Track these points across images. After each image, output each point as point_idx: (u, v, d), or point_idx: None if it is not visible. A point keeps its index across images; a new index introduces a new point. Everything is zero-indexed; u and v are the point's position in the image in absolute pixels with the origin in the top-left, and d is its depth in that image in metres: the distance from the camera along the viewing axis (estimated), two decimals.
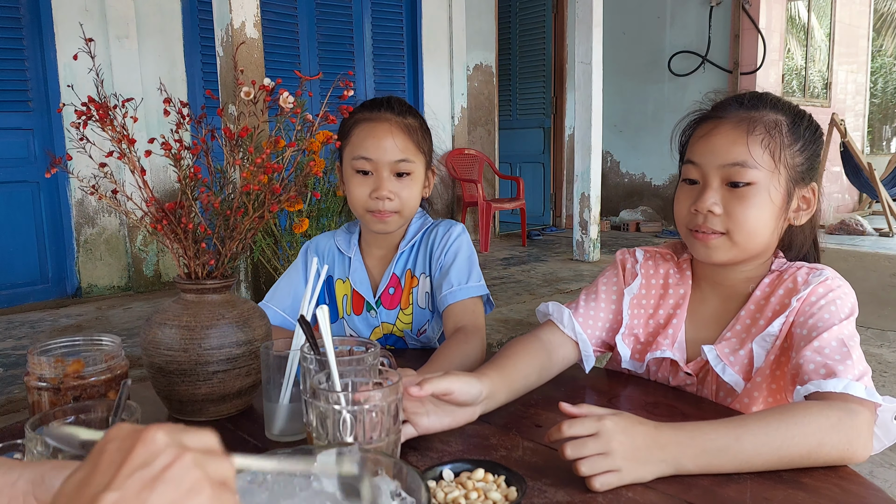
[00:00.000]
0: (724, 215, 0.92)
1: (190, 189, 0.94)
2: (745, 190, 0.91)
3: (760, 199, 0.91)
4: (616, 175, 7.02)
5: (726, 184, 0.92)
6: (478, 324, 1.15)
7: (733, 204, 0.92)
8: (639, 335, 1.06)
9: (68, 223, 3.91)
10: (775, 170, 0.91)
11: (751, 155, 0.90)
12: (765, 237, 0.94)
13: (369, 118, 1.21)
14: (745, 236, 0.92)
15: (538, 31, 6.62)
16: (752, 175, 0.90)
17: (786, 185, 0.92)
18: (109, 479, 0.37)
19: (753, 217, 0.91)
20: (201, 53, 4.21)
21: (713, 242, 0.94)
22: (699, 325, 1.02)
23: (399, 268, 1.28)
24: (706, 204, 0.92)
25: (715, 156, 0.92)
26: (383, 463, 0.56)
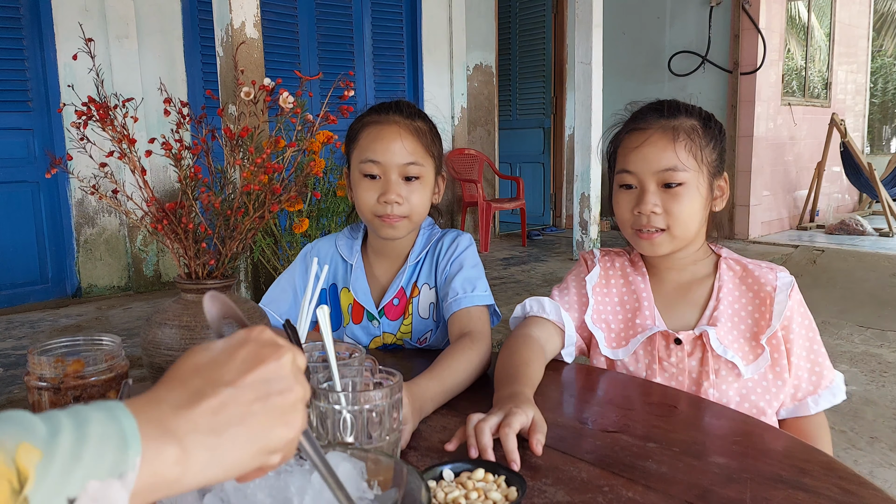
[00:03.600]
0: (663, 213, 1.05)
1: (190, 189, 0.94)
2: (677, 190, 1.05)
3: (691, 195, 1.05)
4: None
5: (661, 186, 1.05)
6: (483, 330, 1.13)
7: (669, 203, 1.05)
8: (609, 321, 1.15)
9: (68, 223, 3.91)
10: (699, 168, 1.06)
11: (679, 159, 1.04)
12: (696, 226, 1.08)
13: (377, 121, 1.19)
14: (683, 229, 1.06)
15: (538, 31, 6.62)
16: (682, 176, 1.04)
17: (707, 179, 1.08)
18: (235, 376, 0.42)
19: (687, 212, 1.05)
20: (201, 53, 4.21)
21: (657, 239, 1.07)
22: (668, 307, 1.13)
23: (407, 281, 1.27)
24: (648, 206, 1.05)
25: (648, 163, 1.06)
26: (383, 463, 0.56)
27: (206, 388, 0.41)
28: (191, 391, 0.40)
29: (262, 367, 0.42)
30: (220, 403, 0.40)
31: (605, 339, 1.14)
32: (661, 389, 1.03)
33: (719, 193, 1.12)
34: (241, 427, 0.40)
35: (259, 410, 0.41)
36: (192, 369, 0.42)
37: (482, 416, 0.81)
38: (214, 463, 0.40)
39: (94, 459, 0.35)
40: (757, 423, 0.91)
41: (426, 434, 0.87)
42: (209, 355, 0.43)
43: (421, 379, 0.95)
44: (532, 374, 0.99)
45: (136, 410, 0.38)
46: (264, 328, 0.45)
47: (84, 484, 0.35)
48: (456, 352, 1.05)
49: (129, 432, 0.37)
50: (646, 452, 0.80)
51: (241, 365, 0.42)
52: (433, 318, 1.26)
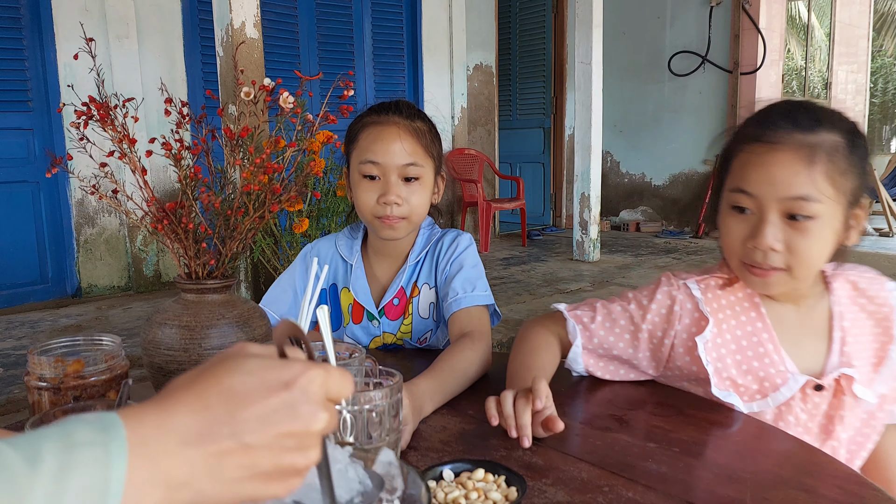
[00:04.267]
0: (784, 252, 0.86)
1: (190, 189, 0.94)
2: (807, 224, 0.84)
3: (823, 231, 0.85)
4: (616, 175, 7.02)
5: (785, 216, 0.85)
6: (483, 330, 1.13)
7: (795, 239, 0.85)
8: (734, 377, 0.96)
9: (68, 223, 3.91)
10: (836, 198, 0.85)
11: (815, 188, 0.83)
12: (822, 265, 0.90)
13: (377, 122, 1.19)
14: (807, 271, 0.88)
15: (538, 31, 6.62)
16: (815, 209, 0.84)
17: (844, 212, 0.87)
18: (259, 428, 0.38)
19: (817, 252, 0.86)
20: (201, 53, 4.21)
21: (773, 279, 0.89)
22: (792, 345, 0.95)
23: (407, 280, 1.27)
24: (767, 241, 0.86)
25: (774, 188, 0.85)
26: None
27: (223, 429, 0.37)
28: (205, 425, 0.37)
29: (291, 427, 0.38)
30: (229, 451, 0.37)
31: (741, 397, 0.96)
32: (662, 389, 1.03)
33: (854, 224, 0.90)
34: (240, 480, 0.38)
35: (265, 469, 0.38)
36: (223, 394, 0.38)
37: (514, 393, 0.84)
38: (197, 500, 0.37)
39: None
40: (757, 423, 0.91)
41: (426, 434, 0.87)
42: (247, 383, 0.39)
43: (421, 379, 0.95)
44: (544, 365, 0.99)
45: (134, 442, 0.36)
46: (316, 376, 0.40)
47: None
48: (456, 352, 1.05)
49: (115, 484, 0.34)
50: (646, 452, 0.80)
51: (272, 415, 0.38)
52: (433, 318, 1.26)
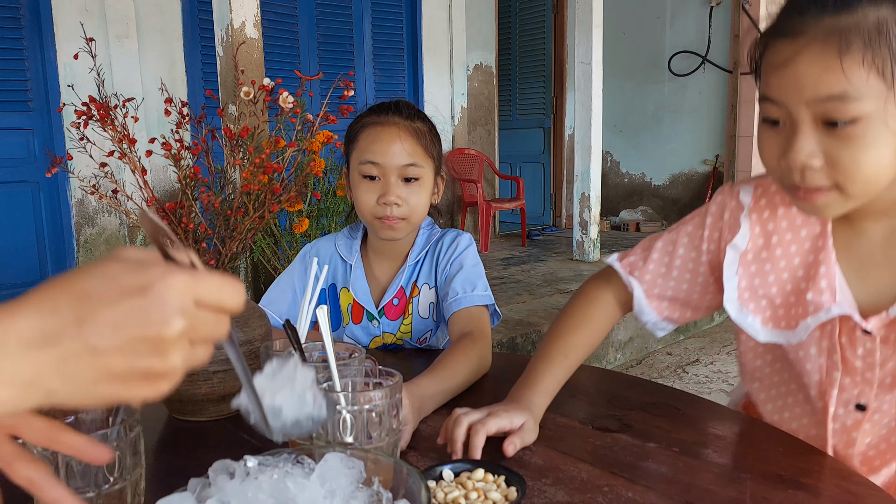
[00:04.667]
0: (826, 166, 0.70)
1: (190, 189, 0.94)
2: (849, 129, 0.67)
3: (873, 135, 0.67)
4: (616, 175, 7.02)
5: (823, 123, 0.69)
6: (483, 330, 1.13)
7: (837, 150, 0.69)
8: (772, 296, 0.84)
9: (68, 223, 3.91)
10: (889, 91, 0.66)
11: (850, 82, 0.66)
12: (891, 176, 0.70)
13: (377, 122, 1.18)
14: (863, 186, 0.70)
15: (538, 31, 6.61)
16: (856, 108, 0.66)
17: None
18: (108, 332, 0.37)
19: (868, 162, 0.68)
20: (201, 53, 4.21)
21: (821, 201, 0.72)
22: (860, 271, 0.80)
23: (406, 280, 1.27)
24: (800, 157, 0.70)
25: (800, 90, 0.69)
26: (383, 463, 0.56)
27: (69, 330, 0.36)
28: (52, 327, 0.36)
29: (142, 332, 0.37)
30: (75, 353, 0.36)
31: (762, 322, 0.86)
32: (662, 389, 1.03)
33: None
34: (93, 382, 0.37)
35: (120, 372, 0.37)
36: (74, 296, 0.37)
37: (466, 411, 0.82)
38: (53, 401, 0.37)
39: None
40: (757, 423, 0.91)
41: (426, 434, 0.87)
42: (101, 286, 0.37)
43: (421, 379, 0.95)
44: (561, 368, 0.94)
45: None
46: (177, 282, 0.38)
47: None
48: (456, 352, 1.05)
49: None
50: (646, 452, 0.80)
51: (122, 319, 0.37)
52: (433, 318, 1.26)
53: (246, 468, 0.53)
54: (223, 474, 0.53)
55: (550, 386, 0.92)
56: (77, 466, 0.58)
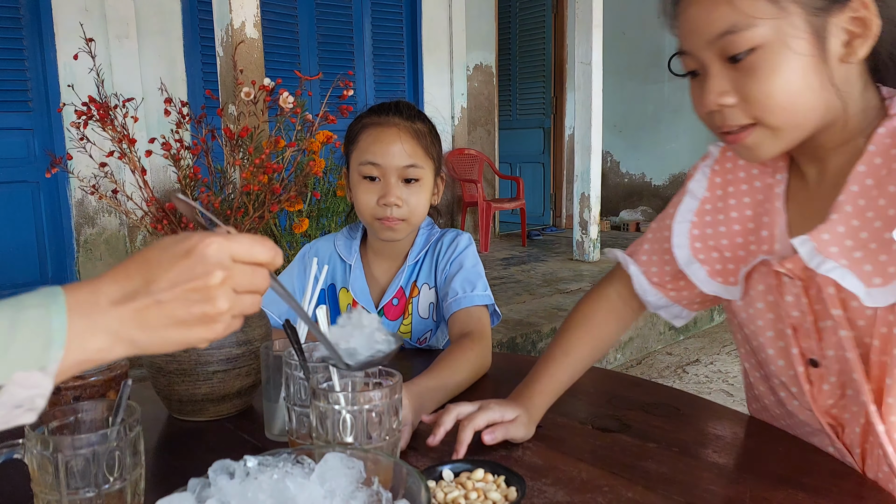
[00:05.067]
0: (741, 102, 0.69)
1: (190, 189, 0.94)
2: (751, 60, 0.66)
3: (776, 60, 0.66)
4: (616, 175, 7.02)
5: (727, 61, 0.68)
6: (483, 331, 1.13)
7: (746, 84, 0.68)
8: (722, 248, 0.83)
9: (68, 223, 3.91)
10: (780, 12, 0.65)
11: (738, 12, 0.65)
12: (813, 102, 0.68)
13: (377, 123, 1.18)
14: (782, 115, 0.68)
15: (538, 31, 6.61)
16: (749, 37, 0.65)
17: (806, 23, 0.65)
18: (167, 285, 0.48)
19: (777, 88, 0.66)
20: (201, 53, 4.21)
21: (749, 140, 0.71)
22: (802, 214, 0.77)
23: (406, 280, 1.27)
24: (711, 98, 0.69)
25: (698, 33, 0.69)
26: (383, 463, 0.56)
27: (141, 289, 0.48)
28: (128, 289, 0.48)
29: (192, 284, 0.48)
30: (147, 306, 0.48)
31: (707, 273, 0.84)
32: (662, 389, 1.03)
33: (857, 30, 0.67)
34: (163, 328, 0.48)
35: (182, 317, 0.49)
36: (141, 263, 0.49)
37: (459, 404, 0.84)
38: (137, 349, 0.49)
39: (21, 353, 0.44)
40: (757, 423, 0.91)
41: (426, 434, 0.87)
42: (159, 255, 0.49)
43: (421, 379, 0.95)
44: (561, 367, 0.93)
45: (72, 304, 0.46)
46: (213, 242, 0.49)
47: (10, 374, 0.44)
48: (456, 352, 1.05)
49: (57, 332, 0.45)
50: (646, 452, 0.80)
51: (175, 276, 0.48)
52: (433, 318, 1.26)
53: (246, 468, 0.53)
54: (223, 474, 0.53)
55: (550, 386, 0.91)
56: (77, 466, 0.58)
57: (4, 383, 0.44)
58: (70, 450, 0.57)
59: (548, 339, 3.22)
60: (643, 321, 3.78)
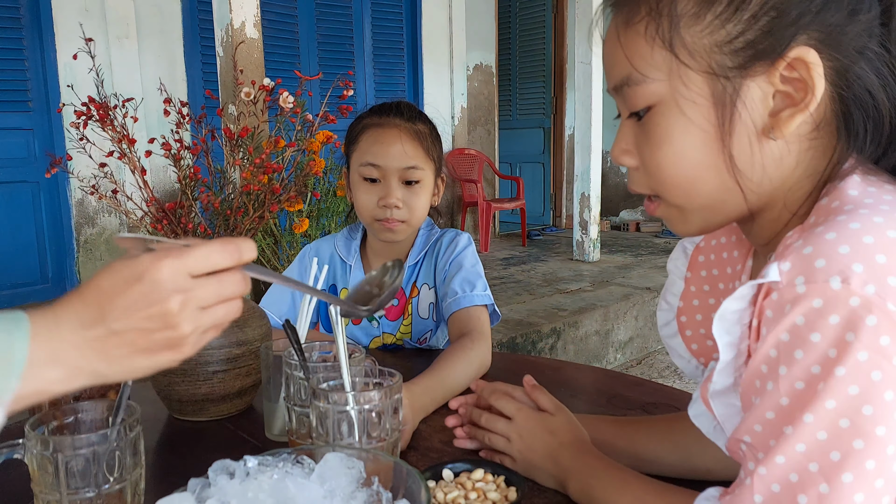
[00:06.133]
0: (641, 166, 0.58)
1: (190, 189, 0.94)
2: (648, 120, 0.55)
3: (667, 123, 0.54)
4: (616, 175, 7.02)
5: (633, 118, 0.58)
6: (483, 330, 1.13)
7: (643, 148, 0.57)
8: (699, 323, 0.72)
9: (68, 223, 3.91)
10: (676, 69, 0.53)
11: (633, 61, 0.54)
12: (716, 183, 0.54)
13: (378, 123, 1.18)
14: (678, 193, 0.56)
15: (538, 31, 6.61)
16: (643, 93, 0.54)
17: (707, 87, 0.52)
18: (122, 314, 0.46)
19: (666, 158, 0.55)
20: (201, 53, 4.21)
21: (659, 213, 0.60)
22: None
23: (406, 281, 1.26)
24: (614, 153, 0.60)
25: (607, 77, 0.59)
26: (383, 463, 0.56)
27: (98, 318, 0.46)
28: (85, 318, 0.46)
29: (149, 311, 0.46)
30: (104, 336, 0.46)
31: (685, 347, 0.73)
32: (662, 389, 1.03)
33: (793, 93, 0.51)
34: (126, 357, 0.47)
35: (144, 346, 0.47)
36: (95, 289, 0.47)
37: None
38: (102, 378, 0.47)
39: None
40: None
41: (426, 434, 0.87)
42: (111, 281, 0.47)
43: (421, 379, 0.95)
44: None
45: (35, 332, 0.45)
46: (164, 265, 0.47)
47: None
48: (456, 352, 1.05)
49: (17, 361, 0.43)
50: None
51: (129, 304, 0.46)
52: (433, 318, 1.26)
53: (246, 468, 0.53)
54: (223, 474, 0.53)
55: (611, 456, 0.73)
56: (77, 466, 0.58)
57: None
58: (70, 450, 0.57)
59: (548, 339, 3.22)
60: (643, 321, 3.78)
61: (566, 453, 0.72)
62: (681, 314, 0.73)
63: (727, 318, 0.51)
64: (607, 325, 3.55)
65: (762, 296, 0.48)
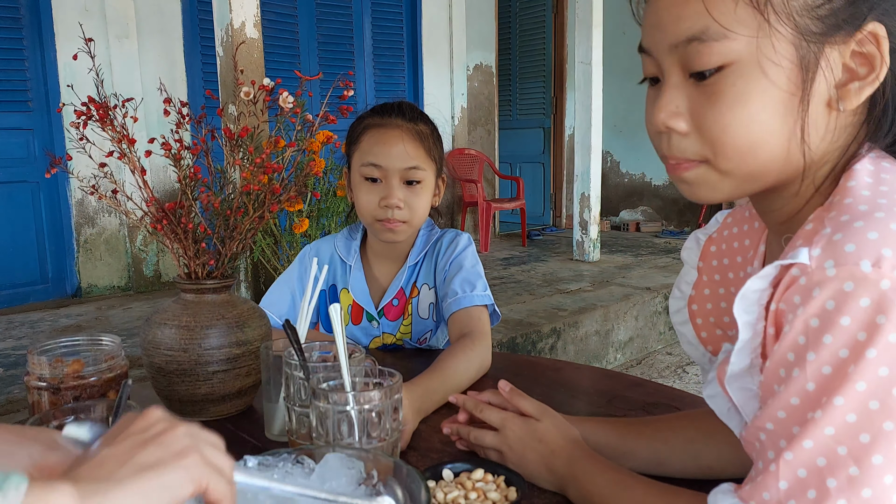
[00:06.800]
0: (694, 132, 0.54)
1: (190, 189, 0.94)
2: (717, 80, 0.52)
3: (744, 86, 0.51)
4: (616, 175, 7.02)
5: (690, 76, 0.54)
6: (483, 330, 1.13)
7: (704, 109, 0.53)
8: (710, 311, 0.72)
9: (68, 223, 3.91)
10: (763, 28, 0.50)
11: (712, 15, 0.51)
12: (778, 150, 0.52)
13: (379, 124, 1.18)
14: (738, 159, 0.53)
15: (538, 31, 6.61)
16: (721, 50, 0.51)
17: (793, 48, 0.50)
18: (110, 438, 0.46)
19: (737, 123, 0.52)
20: (201, 53, 4.21)
21: (689, 175, 0.56)
22: None
23: (406, 281, 1.27)
24: (659, 115, 0.55)
25: (662, 32, 0.54)
26: (383, 463, 0.56)
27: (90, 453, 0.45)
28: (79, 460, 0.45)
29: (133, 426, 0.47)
30: (102, 459, 0.44)
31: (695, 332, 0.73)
32: (662, 389, 1.03)
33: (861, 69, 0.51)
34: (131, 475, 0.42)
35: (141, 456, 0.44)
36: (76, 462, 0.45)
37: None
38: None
39: None
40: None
41: (426, 434, 0.87)
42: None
43: (421, 379, 0.95)
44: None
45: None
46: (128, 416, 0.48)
47: None
48: (456, 352, 1.05)
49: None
50: None
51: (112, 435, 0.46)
52: (433, 319, 1.26)
53: (246, 468, 0.53)
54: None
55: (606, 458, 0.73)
56: None
57: None
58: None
59: (548, 339, 3.22)
60: (643, 321, 3.78)
61: (559, 460, 0.71)
62: (692, 302, 0.73)
63: (748, 297, 0.50)
64: (607, 325, 3.55)
65: (786, 280, 0.48)
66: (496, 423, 0.78)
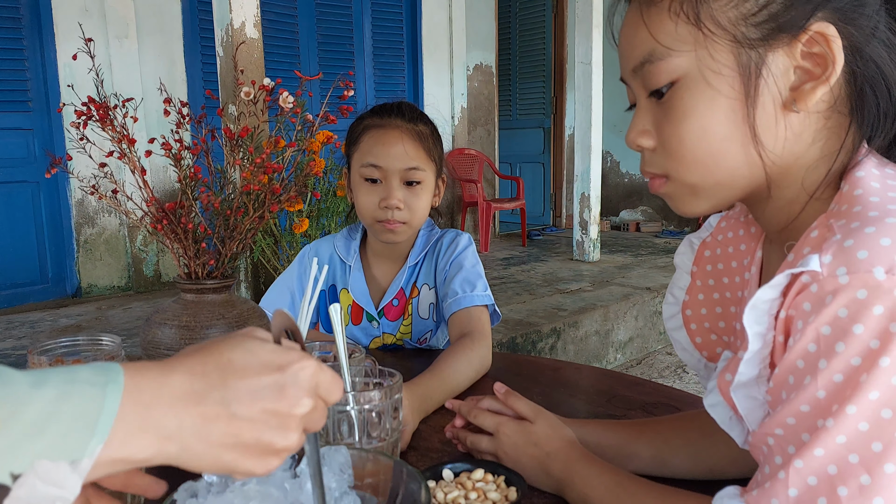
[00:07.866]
0: (659, 146, 0.58)
1: (190, 189, 0.94)
2: (671, 97, 0.55)
3: (692, 98, 0.54)
4: (616, 175, 7.02)
5: (649, 95, 0.58)
6: (483, 330, 1.13)
7: (663, 126, 0.57)
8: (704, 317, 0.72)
9: (68, 223, 3.91)
10: (701, 42, 0.53)
11: (656, 37, 0.55)
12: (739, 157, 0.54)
13: (379, 124, 1.18)
14: (697, 169, 0.56)
15: (538, 31, 6.62)
16: (666, 68, 0.54)
17: (733, 57, 0.52)
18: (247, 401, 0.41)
19: (691, 133, 0.54)
20: (201, 53, 4.21)
21: (664, 191, 0.60)
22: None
23: (406, 281, 1.27)
24: (630, 136, 0.59)
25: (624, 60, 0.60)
26: (383, 463, 0.56)
27: (214, 395, 0.40)
28: (201, 388, 0.40)
29: (276, 406, 0.42)
30: (216, 416, 0.40)
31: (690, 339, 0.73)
32: (662, 389, 1.03)
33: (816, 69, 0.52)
34: (222, 446, 0.40)
35: (247, 441, 0.41)
36: (221, 364, 0.41)
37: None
38: (180, 461, 0.40)
39: (56, 438, 0.35)
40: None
41: (426, 434, 0.87)
42: (245, 359, 0.42)
43: (421, 379, 0.95)
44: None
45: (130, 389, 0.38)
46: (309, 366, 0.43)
47: (33, 461, 0.34)
48: (456, 352, 1.05)
49: (104, 419, 0.36)
50: None
51: (261, 391, 0.41)
52: (433, 319, 1.26)
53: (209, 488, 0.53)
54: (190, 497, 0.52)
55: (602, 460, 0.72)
56: None
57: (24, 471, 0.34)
58: None
59: (548, 339, 3.22)
60: (643, 321, 3.78)
61: (555, 464, 0.71)
62: (686, 308, 0.73)
63: (759, 308, 0.50)
64: (607, 325, 3.55)
65: (796, 287, 0.48)
66: (490, 428, 0.78)
